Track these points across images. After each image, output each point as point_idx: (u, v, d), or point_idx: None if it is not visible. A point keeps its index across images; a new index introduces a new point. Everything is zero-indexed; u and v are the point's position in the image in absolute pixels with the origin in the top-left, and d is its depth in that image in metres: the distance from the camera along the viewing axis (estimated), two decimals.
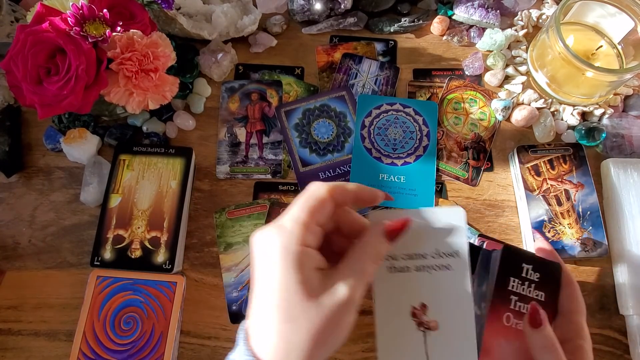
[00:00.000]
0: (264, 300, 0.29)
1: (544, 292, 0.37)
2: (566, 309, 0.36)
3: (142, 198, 0.55)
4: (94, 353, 0.49)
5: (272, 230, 0.30)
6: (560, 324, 0.36)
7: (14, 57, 0.49)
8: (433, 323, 0.36)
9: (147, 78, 0.50)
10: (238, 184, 0.60)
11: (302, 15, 0.66)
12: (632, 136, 0.62)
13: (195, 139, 0.62)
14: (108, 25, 0.49)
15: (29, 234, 0.57)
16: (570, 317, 0.36)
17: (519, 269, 0.38)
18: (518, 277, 0.37)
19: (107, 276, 0.52)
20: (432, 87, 0.65)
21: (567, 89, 0.61)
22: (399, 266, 0.36)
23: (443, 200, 0.59)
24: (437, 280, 0.36)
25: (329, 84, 0.65)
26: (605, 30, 0.63)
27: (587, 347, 0.35)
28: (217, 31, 0.63)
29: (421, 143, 0.61)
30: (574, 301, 0.36)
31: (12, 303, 0.54)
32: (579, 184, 0.58)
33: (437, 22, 0.68)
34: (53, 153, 0.61)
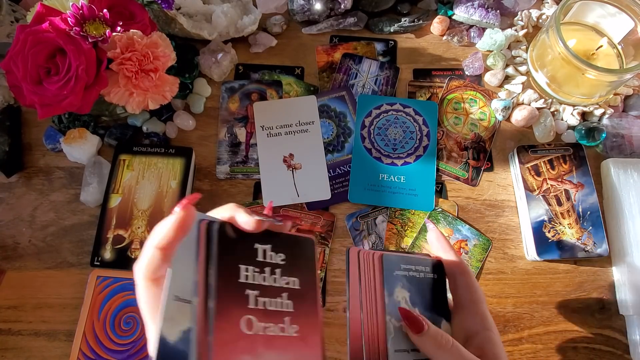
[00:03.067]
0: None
1: (298, 278, 0.27)
2: (467, 300, 0.33)
3: (142, 198, 0.55)
4: (94, 353, 0.49)
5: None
6: (464, 317, 0.33)
7: (14, 57, 0.49)
8: (298, 165, 0.58)
9: (147, 78, 0.50)
10: (238, 184, 0.60)
11: (302, 15, 0.66)
12: (632, 136, 0.62)
13: (195, 139, 0.62)
14: (108, 25, 0.49)
15: (29, 234, 0.57)
16: (472, 307, 0.33)
17: (250, 252, 0.26)
18: (252, 264, 0.26)
19: (107, 276, 0.52)
20: (432, 87, 0.65)
21: (567, 89, 0.61)
22: (274, 133, 0.59)
23: (443, 200, 0.59)
24: (300, 139, 0.59)
25: (329, 84, 0.65)
26: (606, 30, 0.63)
27: (495, 337, 0.32)
28: (217, 31, 0.63)
29: (421, 143, 0.61)
30: (472, 290, 0.33)
31: (12, 303, 0.54)
32: (579, 184, 0.58)
33: (437, 22, 0.68)
34: (53, 153, 0.61)
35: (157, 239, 0.25)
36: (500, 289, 0.56)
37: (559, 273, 0.57)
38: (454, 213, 0.59)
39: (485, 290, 0.56)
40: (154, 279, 0.26)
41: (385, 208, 0.58)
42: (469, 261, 0.56)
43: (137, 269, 0.26)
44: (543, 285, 0.56)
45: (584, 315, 0.55)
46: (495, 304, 0.56)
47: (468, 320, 0.33)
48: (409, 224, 0.58)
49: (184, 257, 0.25)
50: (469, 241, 0.57)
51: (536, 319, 0.55)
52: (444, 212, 0.58)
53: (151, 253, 0.25)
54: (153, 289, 0.26)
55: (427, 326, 0.30)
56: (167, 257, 0.25)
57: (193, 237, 0.26)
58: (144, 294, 0.26)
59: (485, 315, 0.33)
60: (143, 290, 0.26)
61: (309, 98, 0.62)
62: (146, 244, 0.26)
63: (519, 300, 0.56)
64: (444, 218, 0.58)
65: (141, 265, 0.26)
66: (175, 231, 0.25)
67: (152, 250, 0.25)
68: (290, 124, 0.61)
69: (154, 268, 0.25)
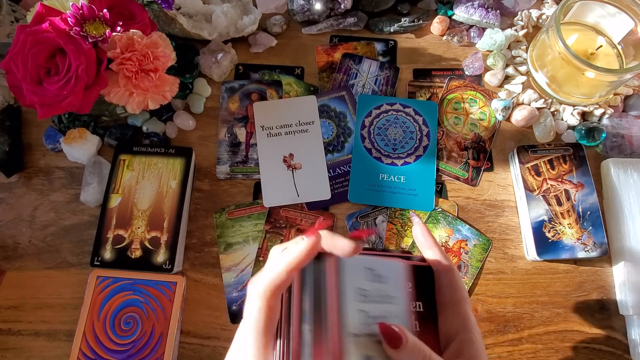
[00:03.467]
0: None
1: (421, 302, 0.31)
2: (449, 299, 0.31)
3: (142, 198, 0.55)
4: (94, 353, 0.49)
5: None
6: (446, 317, 0.31)
7: (14, 57, 0.49)
8: (297, 165, 0.58)
9: (147, 78, 0.50)
10: (238, 184, 0.60)
11: (302, 15, 0.66)
12: (632, 136, 0.62)
13: (195, 139, 0.62)
14: (108, 25, 0.49)
15: (29, 234, 0.57)
16: (454, 308, 0.31)
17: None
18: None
19: (107, 276, 0.52)
20: (432, 87, 0.65)
21: (567, 89, 0.61)
22: (274, 132, 0.59)
23: (443, 200, 0.59)
24: (299, 139, 0.59)
25: (329, 84, 0.65)
26: (605, 30, 0.63)
27: (477, 339, 0.30)
28: (217, 31, 0.63)
29: (421, 143, 0.61)
30: (456, 289, 0.31)
31: (12, 303, 0.54)
32: (579, 184, 0.58)
33: (437, 22, 0.68)
34: (53, 153, 0.61)
35: (289, 262, 0.26)
36: (500, 289, 0.56)
37: (559, 273, 0.57)
38: (454, 213, 0.59)
39: (485, 290, 0.56)
40: (270, 298, 0.26)
41: (385, 208, 0.58)
42: (469, 261, 0.56)
43: (256, 286, 0.27)
44: (543, 285, 0.56)
45: (584, 315, 0.55)
46: (495, 304, 0.56)
47: (449, 321, 0.31)
48: (409, 224, 0.58)
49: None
50: (469, 241, 0.57)
51: (536, 319, 0.55)
52: (444, 212, 0.58)
53: (278, 273, 0.26)
54: (266, 309, 0.26)
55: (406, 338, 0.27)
56: (290, 280, 0.27)
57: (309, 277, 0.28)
58: (257, 313, 0.26)
59: (467, 316, 0.31)
60: (257, 310, 0.26)
61: (309, 98, 0.63)
62: (272, 262, 0.27)
63: (519, 300, 0.56)
64: (444, 218, 0.58)
65: (262, 283, 0.26)
66: (307, 255, 0.27)
67: (281, 271, 0.26)
68: (290, 124, 0.61)
69: (276, 288, 0.26)
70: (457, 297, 0.31)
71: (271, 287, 0.26)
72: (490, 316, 0.55)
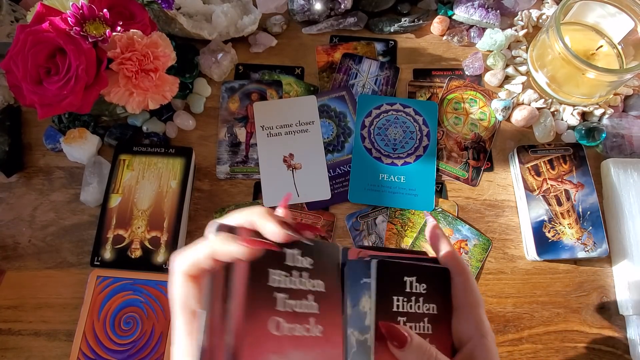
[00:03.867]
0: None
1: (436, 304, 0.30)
2: (462, 303, 0.31)
3: (142, 198, 0.55)
4: (94, 353, 0.49)
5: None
6: (459, 320, 0.30)
7: (14, 57, 0.49)
8: (298, 165, 0.58)
9: (147, 78, 0.50)
10: (238, 184, 0.60)
11: (302, 15, 0.66)
12: (632, 136, 0.61)
13: (195, 139, 0.62)
14: (108, 25, 0.49)
15: (29, 234, 0.57)
16: (467, 311, 0.30)
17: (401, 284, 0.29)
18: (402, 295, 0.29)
19: (107, 276, 0.52)
20: (432, 87, 0.65)
21: (567, 89, 0.61)
22: (274, 132, 0.60)
23: (443, 200, 0.59)
24: (300, 139, 0.60)
25: (329, 84, 0.65)
26: (606, 30, 0.63)
27: (490, 344, 0.29)
28: (217, 31, 0.63)
29: (421, 143, 0.61)
30: (469, 292, 0.31)
31: (12, 303, 0.54)
32: (579, 184, 0.58)
33: (437, 22, 0.68)
34: (53, 153, 0.61)
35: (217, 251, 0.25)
36: (500, 289, 0.56)
37: (559, 273, 0.57)
38: (454, 213, 0.59)
39: (485, 290, 0.56)
40: (194, 276, 0.26)
41: (385, 208, 0.58)
42: (469, 261, 0.56)
43: (179, 262, 0.26)
44: (543, 285, 0.56)
45: (584, 315, 0.55)
46: (495, 304, 0.56)
47: (462, 324, 0.30)
48: (409, 224, 0.58)
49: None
50: (469, 241, 0.57)
51: (536, 319, 0.55)
52: (444, 212, 0.58)
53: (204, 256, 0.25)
54: (189, 285, 0.26)
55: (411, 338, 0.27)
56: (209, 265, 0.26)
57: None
58: (180, 288, 0.26)
59: (482, 320, 0.30)
60: (180, 285, 0.26)
61: (309, 98, 0.63)
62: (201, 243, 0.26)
63: (519, 300, 0.56)
64: (444, 218, 0.58)
65: (185, 260, 0.26)
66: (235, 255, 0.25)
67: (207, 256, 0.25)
68: (290, 124, 0.61)
69: (198, 269, 0.26)
70: (471, 301, 0.31)
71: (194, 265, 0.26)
72: (490, 316, 0.55)
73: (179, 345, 0.26)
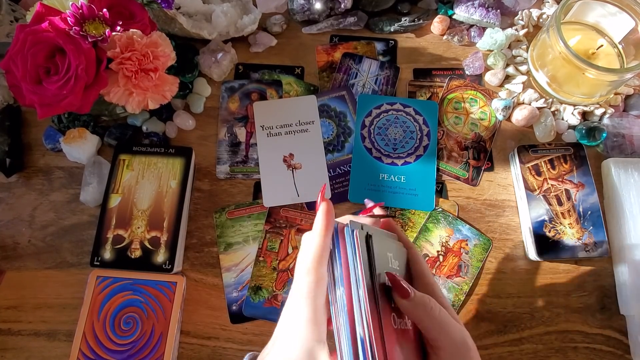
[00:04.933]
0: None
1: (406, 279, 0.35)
2: (418, 273, 0.36)
3: (142, 198, 0.55)
4: (93, 353, 0.49)
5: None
6: (417, 287, 0.34)
7: (13, 57, 0.49)
8: (298, 164, 0.58)
9: (146, 78, 0.50)
10: (238, 183, 0.60)
11: (302, 14, 0.66)
12: (632, 136, 0.61)
13: (195, 138, 0.62)
14: (108, 25, 0.49)
15: (29, 234, 0.57)
16: (423, 279, 0.36)
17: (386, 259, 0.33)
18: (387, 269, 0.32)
19: (107, 276, 0.52)
20: (432, 86, 0.65)
21: (567, 88, 0.61)
22: (274, 132, 0.60)
23: (443, 200, 0.59)
24: (300, 139, 0.60)
25: (329, 83, 0.65)
26: (606, 29, 0.63)
27: (447, 302, 0.34)
28: (217, 31, 0.63)
29: (421, 143, 0.61)
30: (419, 263, 0.36)
31: (12, 303, 0.54)
32: (580, 183, 0.58)
33: (438, 21, 0.68)
34: (53, 153, 0.61)
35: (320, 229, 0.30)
36: (500, 289, 0.56)
37: (560, 273, 0.57)
38: (454, 213, 0.59)
39: (485, 290, 0.56)
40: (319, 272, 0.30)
41: (386, 208, 0.58)
42: (470, 261, 0.56)
43: (300, 262, 0.30)
44: (543, 285, 0.56)
45: (585, 315, 0.55)
46: (495, 304, 0.56)
47: (421, 290, 0.34)
48: (409, 224, 0.58)
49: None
50: (469, 241, 0.57)
51: (536, 319, 0.55)
52: (445, 212, 0.58)
53: (319, 244, 0.30)
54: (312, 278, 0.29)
55: (413, 293, 0.31)
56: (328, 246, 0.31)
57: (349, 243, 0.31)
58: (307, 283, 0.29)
59: (433, 283, 0.35)
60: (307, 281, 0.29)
61: (309, 98, 0.62)
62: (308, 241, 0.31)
63: (519, 300, 0.56)
64: (445, 218, 0.58)
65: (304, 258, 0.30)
66: (330, 217, 0.31)
67: (320, 241, 0.30)
68: (290, 124, 0.61)
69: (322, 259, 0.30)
70: (422, 269, 0.36)
71: (316, 258, 0.30)
72: (491, 316, 0.55)
73: (304, 334, 0.28)
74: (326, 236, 0.31)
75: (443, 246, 0.57)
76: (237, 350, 0.53)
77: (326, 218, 0.31)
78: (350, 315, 0.28)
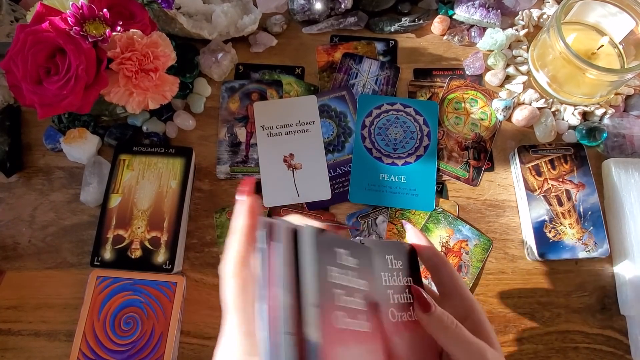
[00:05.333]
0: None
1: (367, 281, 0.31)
2: (452, 288, 0.35)
3: (142, 198, 0.55)
4: (94, 353, 0.49)
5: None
6: (453, 304, 0.35)
7: (13, 57, 0.49)
8: (298, 165, 0.58)
9: (147, 78, 0.50)
10: (238, 183, 0.60)
11: (302, 14, 0.66)
12: (633, 136, 0.61)
13: (195, 138, 0.62)
14: (108, 25, 0.49)
15: (29, 234, 0.57)
16: (459, 294, 0.35)
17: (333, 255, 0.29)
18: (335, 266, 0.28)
19: (107, 276, 0.52)
20: (432, 86, 0.65)
21: (568, 88, 0.61)
22: (274, 132, 0.60)
23: (444, 200, 0.59)
24: (300, 139, 0.60)
25: (330, 83, 0.64)
26: (606, 29, 0.63)
27: (484, 318, 0.34)
28: (217, 31, 0.63)
29: (422, 143, 0.61)
30: (455, 278, 0.36)
31: (12, 303, 0.54)
32: (580, 184, 0.58)
33: (438, 21, 0.68)
34: (53, 153, 0.61)
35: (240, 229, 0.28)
36: (501, 289, 0.56)
37: (560, 273, 0.57)
38: (454, 213, 0.58)
39: (485, 291, 0.56)
40: (239, 274, 0.28)
41: (386, 208, 0.58)
42: (470, 261, 0.56)
43: (223, 269, 0.28)
44: (544, 286, 0.56)
45: (585, 316, 0.55)
46: (495, 304, 0.56)
47: (457, 306, 0.34)
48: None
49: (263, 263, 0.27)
50: (469, 241, 0.57)
51: (537, 319, 0.55)
52: (445, 212, 0.58)
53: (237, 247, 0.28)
54: (239, 285, 0.28)
55: (435, 307, 0.31)
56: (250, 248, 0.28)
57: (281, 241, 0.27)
58: (232, 290, 0.28)
59: (472, 299, 0.35)
60: (232, 287, 0.28)
61: (309, 98, 0.62)
62: (228, 243, 0.28)
63: (519, 300, 0.56)
64: (445, 218, 0.58)
65: (227, 263, 0.28)
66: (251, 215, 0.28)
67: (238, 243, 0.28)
68: (290, 124, 0.61)
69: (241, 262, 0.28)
70: (459, 284, 0.35)
71: (237, 261, 0.28)
72: (491, 316, 0.55)
73: (237, 348, 0.27)
74: (247, 234, 0.28)
75: (443, 246, 0.57)
76: None
77: (248, 216, 0.28)
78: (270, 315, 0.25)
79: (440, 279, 0.36)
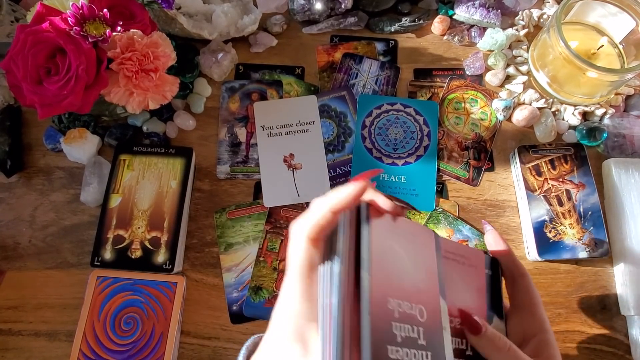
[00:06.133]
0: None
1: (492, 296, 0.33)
2: (526, 303, 0.34)
3: (142, 198, 0.55)
4: (94, 353, 0.49)
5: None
6: (523, 318, 0.33)
7: (14, 57, 0.49)
8: (298, 165, 0.58)
9: (147, 78, 0.50)
10: (238, 184, 0.60)
11: (302, 15, 0.66)
12: (633, 136, 0.61)
13: (195, 139, 0.62)
14: (108, 25, 0.49)
15: (29, 234, 0.57)
16: (531, 310, 0.33)
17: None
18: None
19: (108, 276, 0.52)
20: (432, 87, 0.65)
21: (568, 88, 0.61)
22: (274, 132, 0.60)
23: (444, 200, 0.59)
24: (300, 139, 0.60)
25: (330, 83, 0.64)
26: (607, 29, 0.63)
27: (552, 340, 0.32)
28: (217, 31, 0.63)
29: (422, 143, 0.61)
30: (531, 293, 0.34)
31: (12, 303, 0.54)
32: (580, 184, 0.58)
33: (438, 21, 0.68)
34: (53, 153, 0.61)
35: (335, 202, 0.27)
36: None
37: (560, 273, 0.57)
38: (454, 213, 0.58)
39: None
40: (315, 239, 0.27)
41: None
42: None
43: (300, 228, 0.28)
44: (544, 286, 0.56)
45: (585, 316, 0.55)
46: None
47: (526, 323, 0.33)
48: None
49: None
50: (469, 241, 0.57)
51: None
52: (445, 212, 0.58)
53: (323, 214, 0.27)
54: (311, 249, 0.27)
55: (485, 328, 0.30)
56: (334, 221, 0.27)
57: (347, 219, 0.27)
58: (303, 252, 0.27)
59: (544, 318, 0.33)
60: (303, 249, 0.27)
61: (310, 98, 0.62)
62: (316, 205, 0.27)
63: None
64: (445, 218, 0.58)
65: (306, 224, 0.27)
66: (353, 198, 0.27)
67: (326, 212, 0.27)
68: (290, 124, 0.61)
69: (321, 229, 0.27)
70: (533, 301, 0.33)
71: (316, 227, 0.27)
72: None
73: (296, 311, 0.26)
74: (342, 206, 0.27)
75: None
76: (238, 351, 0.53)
77: (352, 194, 0.27)
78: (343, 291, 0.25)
79: (515, 291, 0.34)
